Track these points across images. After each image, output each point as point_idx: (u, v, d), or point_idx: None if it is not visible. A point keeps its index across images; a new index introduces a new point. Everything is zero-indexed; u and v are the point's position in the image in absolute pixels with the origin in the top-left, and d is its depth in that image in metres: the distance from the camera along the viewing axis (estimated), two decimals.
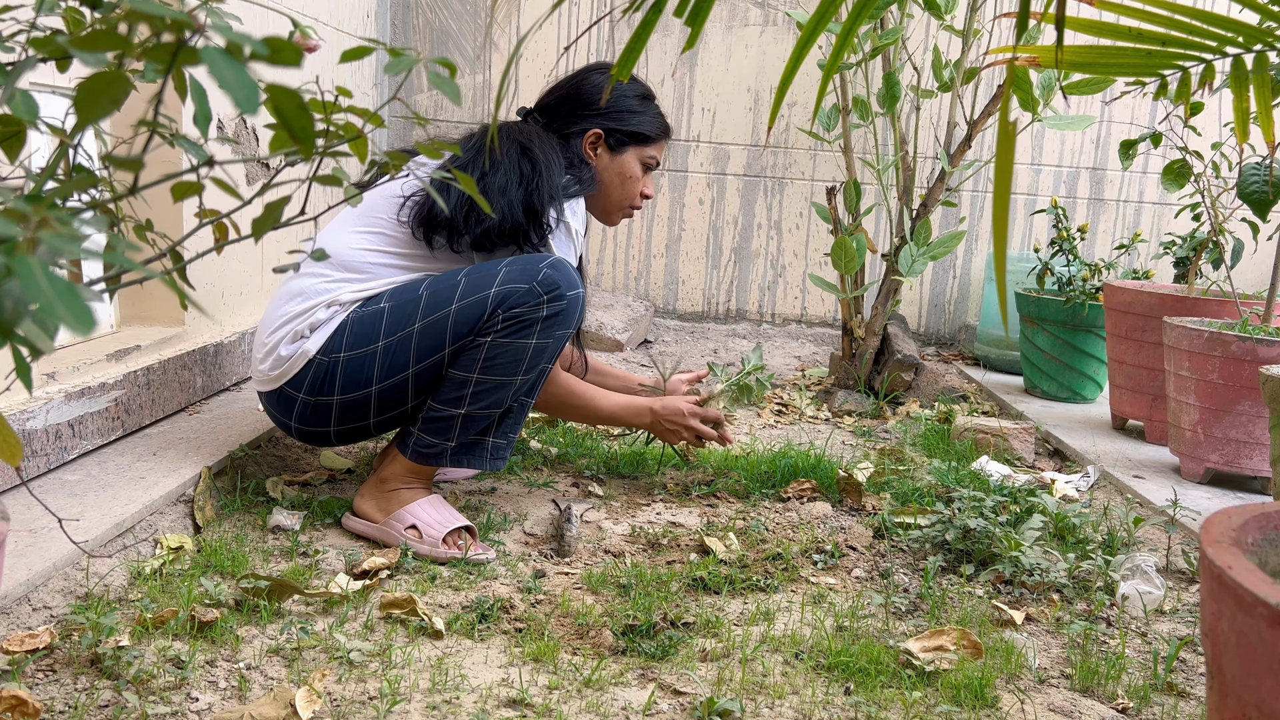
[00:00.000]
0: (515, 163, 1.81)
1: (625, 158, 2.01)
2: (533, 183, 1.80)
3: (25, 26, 0.83)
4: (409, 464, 1.79)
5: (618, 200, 2.05)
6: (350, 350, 1.73)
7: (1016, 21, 0.83)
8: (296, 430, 1.84)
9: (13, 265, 0.50)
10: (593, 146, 1.99)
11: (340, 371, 1.74)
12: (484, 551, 1.74)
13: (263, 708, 1.18)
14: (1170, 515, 1.94)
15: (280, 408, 1.82)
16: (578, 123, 1.97)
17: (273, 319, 1.80)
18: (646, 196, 2.07)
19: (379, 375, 1.74)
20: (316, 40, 0.86)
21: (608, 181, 2.02)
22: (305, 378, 1.76)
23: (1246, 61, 1.17)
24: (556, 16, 3.97)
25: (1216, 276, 2.96)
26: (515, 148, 1.84)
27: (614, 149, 2.00)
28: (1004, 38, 3.48)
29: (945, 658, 1.43)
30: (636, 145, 2.01)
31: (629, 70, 0.95)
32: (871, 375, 3.20)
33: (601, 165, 2.01)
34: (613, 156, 2.00)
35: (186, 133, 0.86)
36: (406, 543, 1.73)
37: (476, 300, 1.70)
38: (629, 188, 2.03)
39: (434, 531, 1.73)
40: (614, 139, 1.99)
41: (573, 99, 1.99)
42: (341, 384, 1.75)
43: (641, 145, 2.02)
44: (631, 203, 2.06)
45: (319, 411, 1.78)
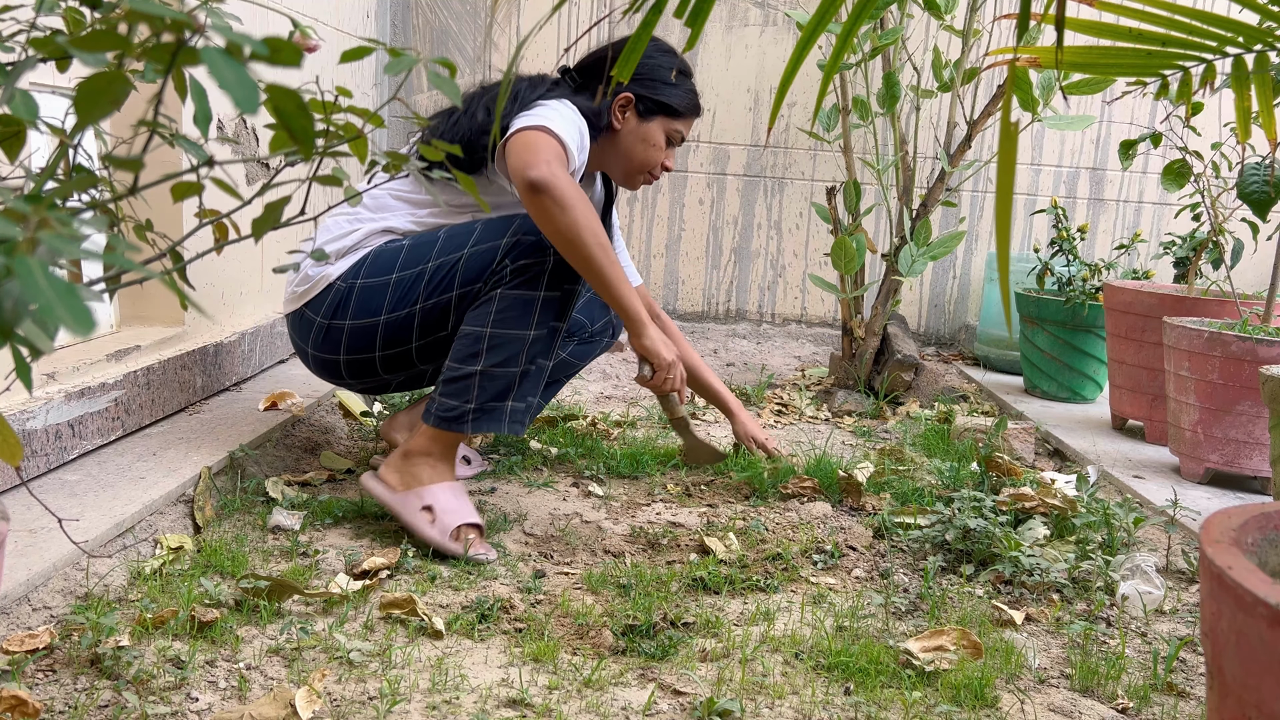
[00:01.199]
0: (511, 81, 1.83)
1: (651, 125, 2.01)
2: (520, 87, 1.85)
3: (25, 26, 0.83)
4: (432, 432, 1.78)
5: (639, 163, 2.04)
6: (367, 278, 1.81)
7: (1017, 22, 0.83)
8: (312, 357, 1.93)
9: (12, 265, 0.50)
10: (621, 109, 2.00)
11: (355, 296, 1.82)
12: (486, 552, 1.73)
13: (263, 708, 1.18)
14: (1170, 515, 1.94)
15: (300, 331, 1.92)
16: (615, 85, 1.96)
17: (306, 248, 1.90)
18: (667, 168, 2.07)
19: (388, 306, 1.80)
20: (316, 40, 0.86)
21: (630, 145, 2.02)
22: (324, 301, 1.84)
23: (1247, 61, 1.17)
24: (557, 17, 3.97)
25: (1216, 276, 2.96)
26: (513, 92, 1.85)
27: (642, 115, 2.01)
28: (1004, 38, 3.48)
29: (945, 658, 1.42)
30: (664, 116, 2.01)
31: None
32: (871, 375, 3.20)
33: (628, 129, 2.01)
34: (639, 122, 2.01)
35: (186, 133, 0.86)
36: (416, 522, 1.73)
37: (488, 248, 1.76)
38: (651, 154, 2.03)
39: (447, 520, 1.72)
40: (644, 105, 2.00)
41: (610, 62, 1.99)
42: (354, 309, 1.82)
43: (670, 117, 2.02)
44: (651, 168, 2.05)
45: (331, 336, 1.86)
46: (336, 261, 1.86)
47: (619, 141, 2.03)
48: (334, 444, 2.30)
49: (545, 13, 3.37)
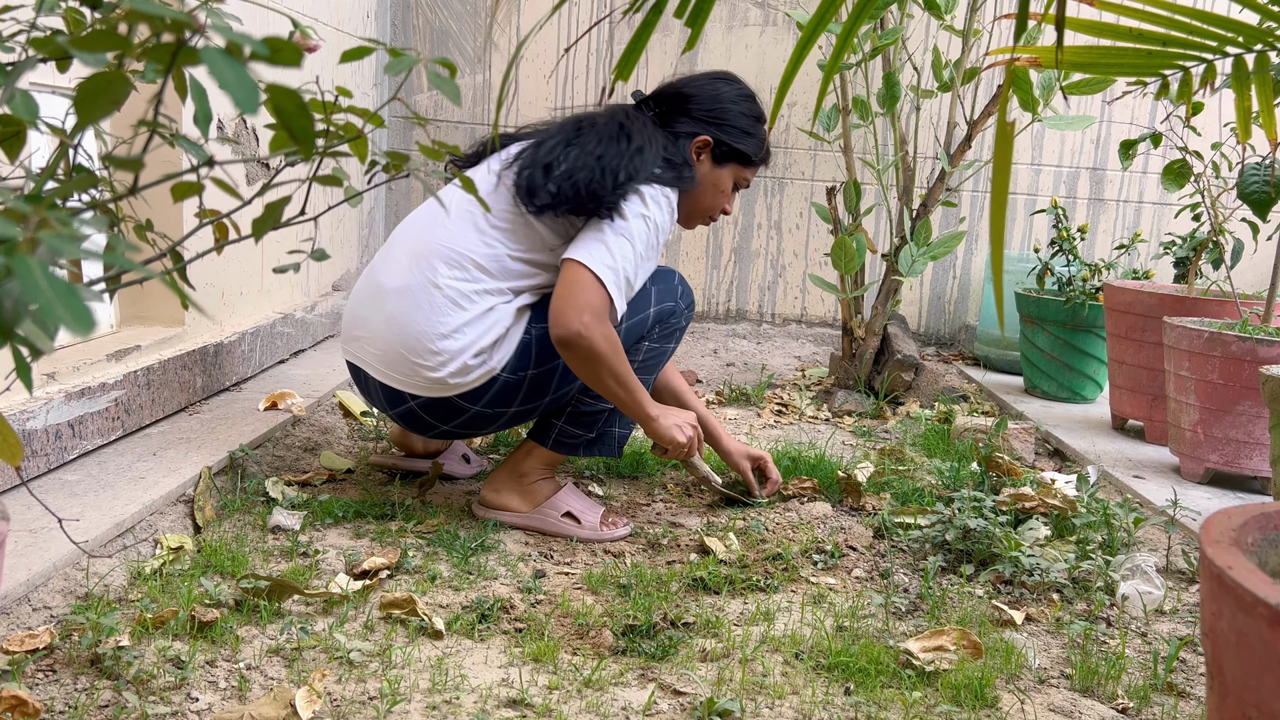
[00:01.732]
0: (611, 135, 1.83)
1: (723, 172, 2.00)
2: (626, 154, 1.81)
3: (25, 26, 0.83)
4: (548, 454, 1.93)
5: (705, 208, 2.03)
6: (538, 367, 1.83)
7: (1016, 22, 0.83)
8: (435, 431, 1.90)
9: (12, 265, 0.50)
10: (698, 151, 1.97)
11: (526, 386, 1.83)
12: (626, 525, 1.93)
13: (263, 708, 1.18)
14: (1170, 515, 1.94)
15: (434, 412, 1.84)
16: (691, 125, 1.96)
17: (428, 327, 1.76)
18: (726, 212, 2.07)
19: (555, 386, 1.86)
20: (316, 40, 0.86)
21: (702, 188, 2.00)
22: (487, 392, 1.82)
23: (1247, 61, 1.17)
24: (557, 17, 3.97)
25: (1216, 276, 2.96)
26: (615, 125, 1.85)
27: (717, 160, 1.98)
28: (1004, 38, 3.48)
29: (945, 658, 1.42)
30: (737, 163, 2.00)
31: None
32: (871, 375, 3.20)
33: (701, 172, 1.98)
34: (713, 167, 1.99)
35: (186, 133, 0.86)
36: (564, 529, 1.89)
37: (639, 320, 1.89)
38: (718, 200, 2.02)
39: (590, 517, 1.90)
40: (720, 150, 1.97)
41: (693, 101, 1.97)
42: (523, 397, 1.84)
43: (742, 165, 2.00)
44: (712, 213, 2.05)
45: (481, 419, 1.86)
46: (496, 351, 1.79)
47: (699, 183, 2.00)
48: (334, 444, 2.30)
49: (545, 12, 3.37)
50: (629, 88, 4.02)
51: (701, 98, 1.98)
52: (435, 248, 1.81)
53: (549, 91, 4.03)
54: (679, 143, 1.94)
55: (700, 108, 1.97)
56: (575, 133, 1.85)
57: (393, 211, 4.16)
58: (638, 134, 1.85)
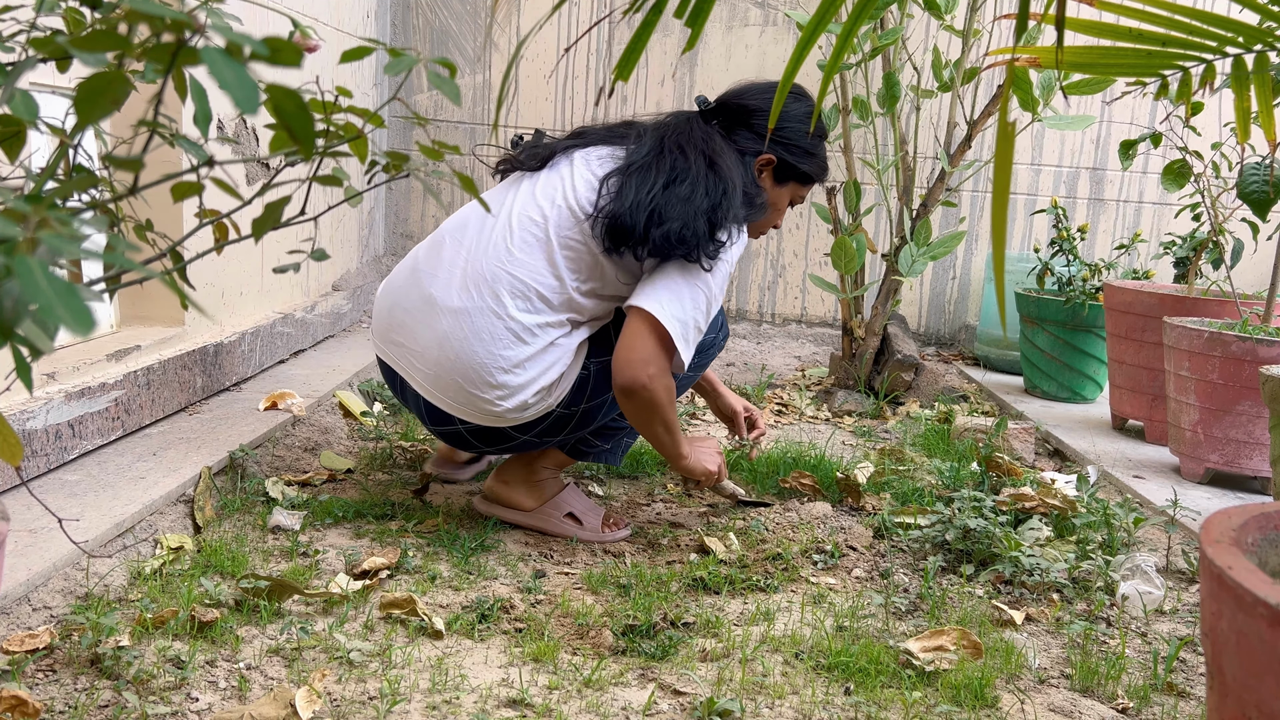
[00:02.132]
0: (703, 175, 1.77)
1: (783, 191, 1.96)
2: (718, 200, 1.76)
3: (25, 26, 0.83)
4: (562, 457, 1.94)
5: (759, 226, 1.99)
6: (591, 400, 1.83)
7: (1016, 22, 0.83)
8: (475, 450, 1.92)
9: (12, 265, 0.50)
10: (760, 169, 1.91)
11: (578, 418, 1.83)
12: (627, 527, 1.93)
13: (263, 708, 1.18)
14: (1170, 515, 1.94)
15: (482, 437, 1.85)
16: (758, 143, 1.90)
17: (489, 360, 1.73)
18: (776, 227, 2.04)
19: (602, 415, 1.87)
20: (316, 40, 0.86)
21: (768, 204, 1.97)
22: (540, 424, 1.82)
23: (1247, 61, 1.17)
24: (557, 17, 3.97)
25: (1216, 276, 2.96)
26: (702, 159, 1.79)
27: (778, 180, 1.94)
28: (1004, 38, 3.48)
29: (945, 658, 1.42)
30: (797, 182, 1.96)
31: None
32: (871, 375, 3.20)
33: (765, 188, 1.93)
34: (774, 185, 1.94)
35: (186, 133, 0.86)
36: (565, 530, 1.89)
37: None
38: (773, 218, 1.98)
39: (592, 519, 1.90)
40: (782, 171, 1.93)
41: (758, 115, 1.90)
42: (572, 427, 1.85)
43: (800, 184, 1.96)
44: (765, 230, 2.02)
45: (527, 445, 1.88)
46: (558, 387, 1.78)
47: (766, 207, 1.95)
48: (334, 444, 2.30)
49: (545, 12, 3.37)
50: (628, 88, 4.02)
51: (766, 113, 1.91)
52: (499, 274, 1.74)
53: (549, 91, 4.03)
54: (745, 160, 1.87)
55: (764, 124, 1.91)
56: (660, 164, 1.77)
57: (393, 212, 4.16)
58: (724, 167, 1.79)
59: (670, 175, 1.76)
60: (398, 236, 4.17)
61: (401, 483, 2.11)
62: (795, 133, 1.92)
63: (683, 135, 1.82)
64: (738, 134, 1.89)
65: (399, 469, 2.20)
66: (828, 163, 1.99)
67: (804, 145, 1.92)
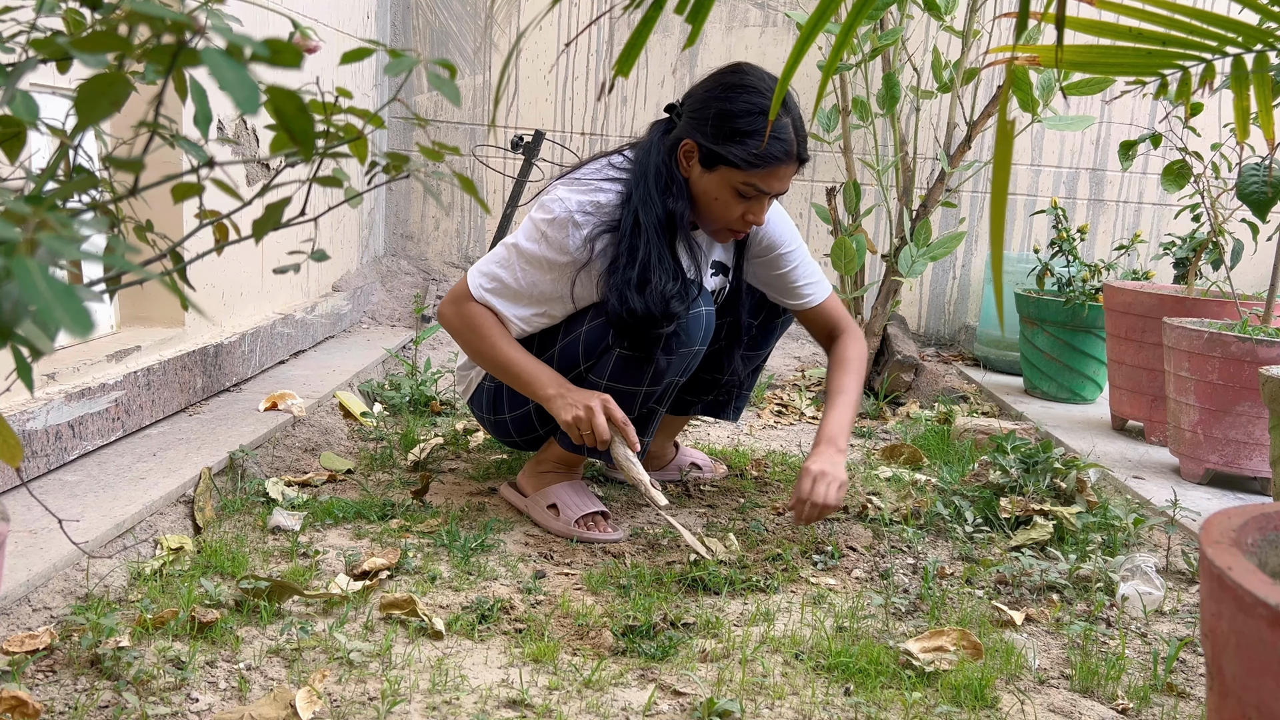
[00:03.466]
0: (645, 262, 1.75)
1: (713, 178, 1.78)
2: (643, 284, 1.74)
3: (26, 27, 0.83)
4: (561, 452, 1.96)
5: (711, 218, 1.83)
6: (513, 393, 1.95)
7: (1016, 21, 0.83)
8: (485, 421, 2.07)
9: (12, 267, 0.50)
10: (687, 157, 1.79)
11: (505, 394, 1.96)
12: (613, 532, 1.89)
13: (263, 708, 1.18)
14: (1170, 516, 1.94)
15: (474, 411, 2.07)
16: (683, 127, 1.80)
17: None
18: (749, 222, 1.82)
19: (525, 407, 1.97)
20: (316, 41, 0.86)
21: (699, 198, 1.82)
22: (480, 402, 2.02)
23: (1247, 61, 1.17)
24: (556, 16, 3.97)
25: (1216, 277, 2.96)
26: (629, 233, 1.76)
27: (704, 165, 1.78)
28: (1004, 38, 3.48)
29: (945, 658, 1.42)
30: (726, 167, 1.75)
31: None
32: (871, 376, 3.20)
33: (693, 177, 1.80)
34: (702, 172, 1.78)
35: (187, 134, 0.86)
36: (543, 519, 1.92)
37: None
38: (718, 210, 1.80)
39: (570, 513, 1.90)
40: (703, 154, 1.77)
41: (692, 99, 1.81)
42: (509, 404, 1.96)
43: (733, 168, 1.75)
44: (727, 225, 1.83)
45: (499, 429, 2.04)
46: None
47: (693, 192, 1.82)
48: (334, 445, 2.30)
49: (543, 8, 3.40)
50: (628, 88, 4.02)
51: (694, 96, 1.81)
52: None
53: (549, 92, 4.03)
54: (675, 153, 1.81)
55: (695, 104, 1.79)
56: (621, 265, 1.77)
57: (393, 212, 4.16)
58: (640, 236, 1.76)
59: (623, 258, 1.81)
60: (398, 237, 4.17)
61: (401, 483, 2.11)
62: (711, 111, 1.75)
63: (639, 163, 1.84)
64: (680, 124, 1.82)
65: (399, 469, 2.20)
66: (776, 141, 1.73)
67: (724, 126, 1.73)
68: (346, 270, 3.67)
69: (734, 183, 1.76)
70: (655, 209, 1.78)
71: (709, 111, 1.76)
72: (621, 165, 1.87)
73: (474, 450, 2.38)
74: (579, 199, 1.80)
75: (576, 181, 1.85)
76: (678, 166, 1.81)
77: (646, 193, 1.79)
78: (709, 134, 1.75)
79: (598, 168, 1.88)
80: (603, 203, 1.80)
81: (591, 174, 1.87)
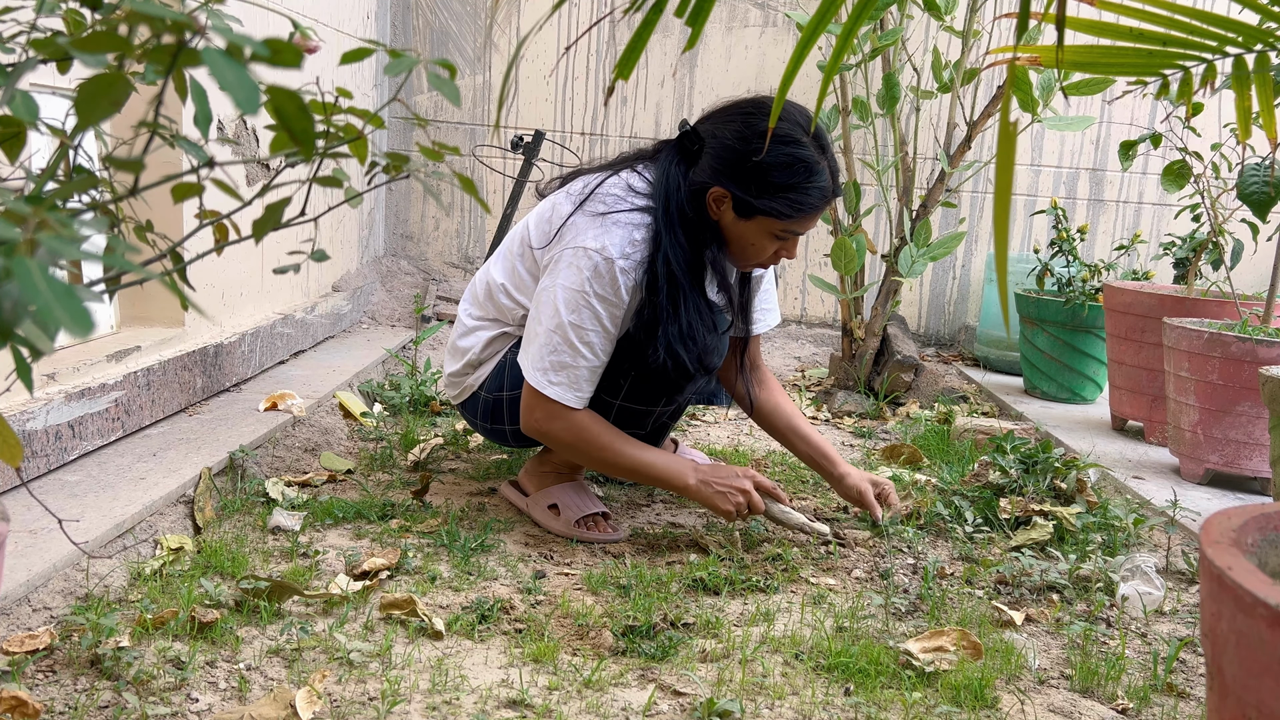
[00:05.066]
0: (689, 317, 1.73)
1: (750, 226, 1.73)
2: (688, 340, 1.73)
3: (26, 28, 0.83)
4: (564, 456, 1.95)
5: (744, 260, 1.81)
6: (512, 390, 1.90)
7: (1017, 22, 0.83)
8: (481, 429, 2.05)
9: (12, 267, 0.50)
10: (717, 203, 1.74)
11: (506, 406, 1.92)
12: (613, 533, 1.89)
13: (263, 708, 1.18)
14: (1170, 516, 1.94)
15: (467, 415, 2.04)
16: (709, 172, 1.73)
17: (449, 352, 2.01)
18: (782, 256, 1.80)
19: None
20: (316, 41, 0.86)
21: (732, 242, 1.77)
22: (475, 407, 1.97)
23: (1248, 61, 1.17)
24: (557, 17, 3.97)
25: (1216, 277, 2.96)
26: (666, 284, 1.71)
27: (739, 214, 1.72)
28: (1004, 39, 3.48)
29: (945, 658, 1.42)
30: (765, 217, 1.71)
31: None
32: (871, 376, 3.20)
33: (726, 222, 1.75)
34: (737, 219, 1.73)
35: (187, 134, 0.86)
36: (544, 519, 1.91)
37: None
38: (750, 253, 1.77)
39: (569, 514, 1.89)
40: (738, 204, 1.72)
41: (717, 141, 1.73)
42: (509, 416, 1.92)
43: (771, 219, 1.71)
44: (759, 262, 1.80)
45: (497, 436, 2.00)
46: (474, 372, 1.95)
47: (723, 233, 1.77)
48: (334, 445, 2.30)
49: (545, 12, 3.38)
50: (628, 89, 4.02)
51: (721, 139, 1.73)
52: None
53: (549, 92, 4.03)
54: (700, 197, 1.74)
55: (721, 147, 1.72)
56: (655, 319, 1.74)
57: (393, 213, 4.16)
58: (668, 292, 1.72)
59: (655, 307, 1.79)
60: (398, 237, 4.17)
61: (401, 483, 2.11)
62: (747, 164, 1.69)
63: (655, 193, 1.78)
64: (699, 162, 1.75)
65: (399, 469, 2.20)
66: (818, 189, 1.70)
67: (763, 178, 1.68)
68: (346, 270, 3.67)
69: (773, 230, 1.73)
70: (687, 257, 1.73)
71: (743, 164, 1.69)
72: (643, 191, 1.78)
73: (474, 450, 2.37)
74: (618, 244, 1.72)
75: (603, 218, 1.75)
76: (707, 211, 1.75)
77: (675, 240, 1.72)
78: (744, 186, 1.70)
79: (619, 195, 1.78)
80: (638, 239, 1.73)
81: (615, 204, 1.76)
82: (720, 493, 1.79)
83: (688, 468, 1.81)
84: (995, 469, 2.07)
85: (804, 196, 1.70)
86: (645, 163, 1.85)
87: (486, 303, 1.95)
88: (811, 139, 1.72)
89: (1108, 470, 2.41)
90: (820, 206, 1.73)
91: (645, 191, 1.78)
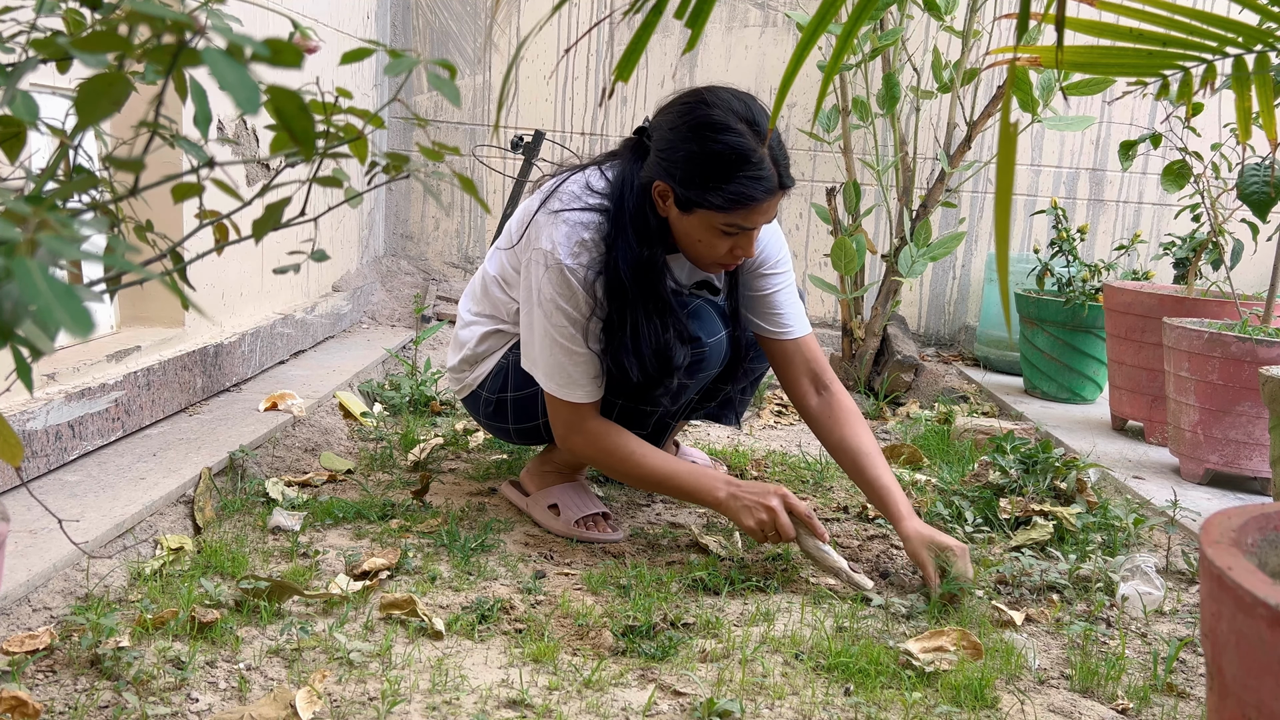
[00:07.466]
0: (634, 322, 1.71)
1: (692, 220, 1.69)
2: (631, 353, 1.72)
3: (26, 27, 0.83)
4: (565, 458, 1.97)
5: (696, 257, 1.75)
6: (515, 391, 1.91)
7: (1017, 22, 0.83)
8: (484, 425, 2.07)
9: (12, 267, 0.50)
10: (662, 198, 1.71)
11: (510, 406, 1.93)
12: (613, 533, 1.90)
13: (263, 708, 1.18)
14: (1170, 516, 1.94)
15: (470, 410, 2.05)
16: (653, 167, 1.70)
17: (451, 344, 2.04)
18: (739, 255, 1.73)
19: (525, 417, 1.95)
20: (316, 41, 0.86)
21: (680, 236, 1.74)
22: (477, 404, 1.99)
23: (1248, 61, 1.17)
24: (557, 18, 3.97)
25: (1216, 277, 2.96)
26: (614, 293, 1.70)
27: (681, 208, 1.69)
28: (1004, 39, 3.48)
29: (945, 658, 1.42)
30: (705, 210, 1.66)
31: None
32: (871, 376, 3.20)
33: (672, 217, 1.72)
34: (680, 214, 1.70)
35: (187, 134, 0.86)
36: (544, 519, 1.92)
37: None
38: (701, 250, 1.72)
39: (570, 513, 1.90)
40: (678, 198, 1.68)
41: (659, 132, 1.71)
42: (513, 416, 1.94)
43: (710, 211, 1.66)
44: (715, 260, 1.74)
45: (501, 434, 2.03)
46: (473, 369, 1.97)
47: (673, 231, 1.74)
48: (334, 445, 2.30)
49: (545, 13, 3.37)
50: (628, 89, 4.02)
51: (660, 131, 1.71)
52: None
53: (549, 92, 4.03)
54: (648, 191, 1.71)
55: (666, 142, 1.69)
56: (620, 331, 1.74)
57: (393, 213, 4.16)
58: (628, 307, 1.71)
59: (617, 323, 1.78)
60: (398, 237, 4.17)
61: (401, 483, 2.11)
62: (680, 154, 1.65)
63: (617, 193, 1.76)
64: (649, 158, 1.72)
65: (399, 469, 2.20)
66: (755, 180, 1.63)
67: (695, 170, 1.64)
68: (346, 270, 3.67)
69: (715, 224, 1.67)
70: (636, 258, 1.70)
71: (677, 154, 1.66)
72: (601, 190, 1.76)
73: (474, 450, 2.37)
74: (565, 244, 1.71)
75: (555, 216, 1.74)
76: (653, 208, 1.72)
77: (626, 240, 1.70)
78: (680, 179, 1.66)
79: (575, 193, 1.76)
80: (586, 239, 1.71)
81: (570, 202, 1.75)
82: (746, 507, 1.72)
83: (719, 481, 1.75)
84: (995, 469, 2.07)
85: (740, 188, 1.63)
86: (613, 161, 1.81)
87: (483, 298, 1.97)
88: (748, 126, 1.64)
89: (1108, 470, 2.41)
90: (760, 198, 1.64)
91: (603, 190, 1.75)
